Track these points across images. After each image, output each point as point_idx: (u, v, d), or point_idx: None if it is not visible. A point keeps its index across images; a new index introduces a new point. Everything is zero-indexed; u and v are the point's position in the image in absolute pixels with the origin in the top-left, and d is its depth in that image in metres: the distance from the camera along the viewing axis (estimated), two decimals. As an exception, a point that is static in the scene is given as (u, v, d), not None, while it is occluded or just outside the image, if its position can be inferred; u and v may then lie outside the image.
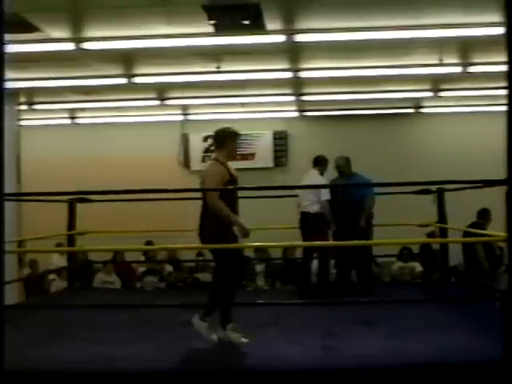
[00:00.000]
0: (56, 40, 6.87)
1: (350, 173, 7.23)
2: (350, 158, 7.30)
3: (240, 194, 4.84)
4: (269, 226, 7.28)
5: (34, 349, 4.49)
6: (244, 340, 4.41)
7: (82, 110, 11.20)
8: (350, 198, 6.91)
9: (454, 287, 7.44)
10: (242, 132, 11.25)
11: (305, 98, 10.27)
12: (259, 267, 9.31)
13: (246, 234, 4.50)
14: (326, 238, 6.54)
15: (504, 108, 3.17)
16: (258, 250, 9.23)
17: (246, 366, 4.06)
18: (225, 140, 4.70)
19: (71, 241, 7.40)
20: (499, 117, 3.73)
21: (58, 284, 8.84)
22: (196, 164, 11.43)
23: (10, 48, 1.86)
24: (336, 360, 4.16)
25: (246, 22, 6.35)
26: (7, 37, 1.74)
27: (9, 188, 1.97)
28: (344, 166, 7.21)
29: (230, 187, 4.56)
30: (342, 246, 6.80)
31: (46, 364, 4.14)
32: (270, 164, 11.65)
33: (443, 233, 7.30)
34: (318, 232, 6.40)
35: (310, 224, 6.56)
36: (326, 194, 6.62)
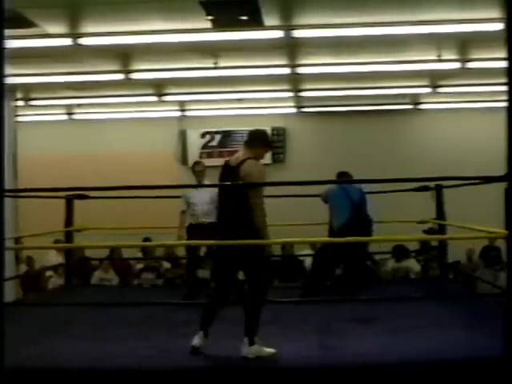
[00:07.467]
0: (53, 36, 6.85)
1: None
2: None
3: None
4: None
5: (31, 346, 4.46)
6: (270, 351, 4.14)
7: (79, 106, 11.18)
8: None
9: (452, 284, 7.43)
10: (240, 128, 11.46)
11: (303, 94, 10.26)
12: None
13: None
14: None
15: (503, 104, 3.17)
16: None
17: (244, 363, 4.05)
18: (257, 142, 4.57)
19: (68, 237, 7.37)
20: (498, 113, 3.75)
21: (55, 281, 8.83)
22: (194, 160, 11.37)
23: (7, 43, 1.84)
24: (334, 358, 4.13)
25: (244, 18, 6.34)
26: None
27: (5, 184, 1.96)
28: None
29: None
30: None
31: (43, 361, 4.11)
32: (268, 160, 11.55)
33: (441, 229, 7.28)
34: None
35: None
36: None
